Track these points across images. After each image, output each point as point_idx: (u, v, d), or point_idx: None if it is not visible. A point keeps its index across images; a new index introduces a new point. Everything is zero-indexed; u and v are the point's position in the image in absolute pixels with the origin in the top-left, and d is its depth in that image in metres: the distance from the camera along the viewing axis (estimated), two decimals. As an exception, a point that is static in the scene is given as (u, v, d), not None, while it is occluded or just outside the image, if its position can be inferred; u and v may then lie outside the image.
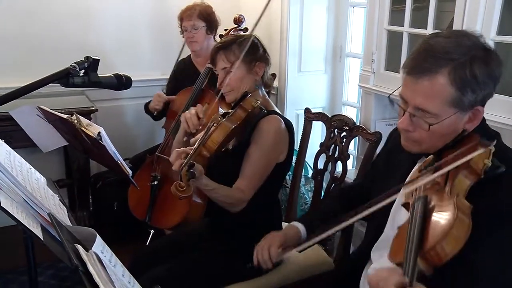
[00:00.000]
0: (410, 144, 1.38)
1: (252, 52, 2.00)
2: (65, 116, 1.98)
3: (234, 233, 2.06)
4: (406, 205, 1.26)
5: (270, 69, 2.12)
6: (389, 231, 1.47)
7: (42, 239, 1.43)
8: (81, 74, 1.53)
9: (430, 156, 1.38)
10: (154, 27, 3.64)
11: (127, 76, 1.74)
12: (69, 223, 1.53)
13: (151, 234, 2.72)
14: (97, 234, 1.27)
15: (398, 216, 1.44)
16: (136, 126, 3.72)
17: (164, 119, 3.17)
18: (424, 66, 1.24)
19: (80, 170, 3.11)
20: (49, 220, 1.54)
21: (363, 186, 1.78)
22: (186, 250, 2.11)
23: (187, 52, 3.25)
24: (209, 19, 3.04)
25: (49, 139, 2.19)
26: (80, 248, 1.15)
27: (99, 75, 1.59)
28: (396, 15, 2.32)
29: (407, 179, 1.42)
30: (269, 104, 2.09)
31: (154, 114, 3.11)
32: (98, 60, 1.59)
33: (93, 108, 3.04)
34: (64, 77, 1.49)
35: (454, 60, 1.22)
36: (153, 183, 2.76)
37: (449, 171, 1.17)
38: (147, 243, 2.64)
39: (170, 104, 3.03)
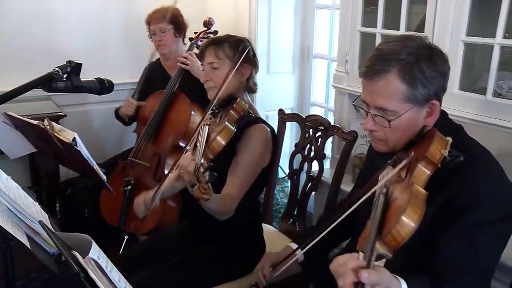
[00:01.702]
0: (378, 144, 1.48)
1: (242, 52, 2.01)
2: (35, 122, 1.94)
3: (217, 236, 2.06)
4: None
5: (256, 74, 2.13)
6: None
7: (30, 248, 1.41)
8: (63, 79, 1.51)
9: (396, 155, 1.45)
10: (122, 30, 3.59)
11: (109, 80, 1.74)
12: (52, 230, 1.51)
13: (125, 240, 2.69)
14: (93, 241, 1.26)
15: None
16: (104, 131, 3.65)
17: (135, 123, 3.14)
18: (376, 69, 1.36)
19: (49, 176, 3.03)
20: (34, 229, 1.52)
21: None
22: (167, 254, 2.10)
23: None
24: (176, 21, 3.03)
25: (16, 145, 2.14)
26: (77, 254, 1.14)
27: (81, 79, 1.57)
28: (366, 17, 2.38)
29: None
30: (254, 110, 2.12)
31: (126, 120, 3.08)
32: (81, 64, 1.57)
33: (61, 114, 2.98)
34: (48, 82, 1.47)
35: (402, 60, 1.34)
36: (126, 188, 2.73)
37: (409, 164, 1.25)
38: (121, 249, 2.60)
39: (141, 108, 3.00)
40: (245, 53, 1.98)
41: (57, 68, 1.50)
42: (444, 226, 1.25)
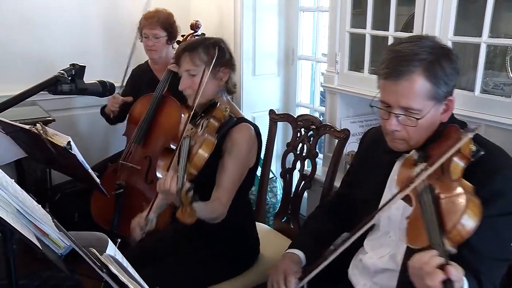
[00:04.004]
0: (398, 143, 1.49)
1: (218, 56, 1.99)
2: (27, 126, 1.93)
3: (211, 237, 2.08)
4: (406, 198, 1.35)
5: (235, 75, 2.11)
6: (384, 221, 1.58)
7: (41, 248, 1.42)
8: (68, 82, 1.53)
9: (411, 152, 1.47)
10: (105, 34, 3.57)
11: (111, 82, 1.75)
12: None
13: (118, 243, 2.69)
14: (109, 238, 1.28)
15: (392, 209, 1.53)
16: (90, 135, 3.63)
17: (121, 125, 3.15)
18: (400, 69, 1.38)
19: (37, 182, 3.01)
20: (42, 230, 1.53)
21: (342, 195, 1.85)
22: (163, 256, 2.11)
23: (141, 59, 3.23)
24: (170, 29, 3.02)
25: (5, 151, 2.13)
26: (96, 252, 1.16)
27: (85, 82, 1.59)
28: (354, 18, 2.44)
29: (395, 176, 1.50)
30: (235, 110, 2.12)
31: (111, 117, 3.05)
32: (84, 67, 1.59)
33: (50, 118, 2.97)
34: (53, 85, 1.49)
35: (424, 60, 1.38)
36: (118, 191, 2.73)
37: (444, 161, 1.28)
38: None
39: (130, 109, 3.00)
40: (217, 58, 1.97)
41: (62, 71, 1.51)
42: None
